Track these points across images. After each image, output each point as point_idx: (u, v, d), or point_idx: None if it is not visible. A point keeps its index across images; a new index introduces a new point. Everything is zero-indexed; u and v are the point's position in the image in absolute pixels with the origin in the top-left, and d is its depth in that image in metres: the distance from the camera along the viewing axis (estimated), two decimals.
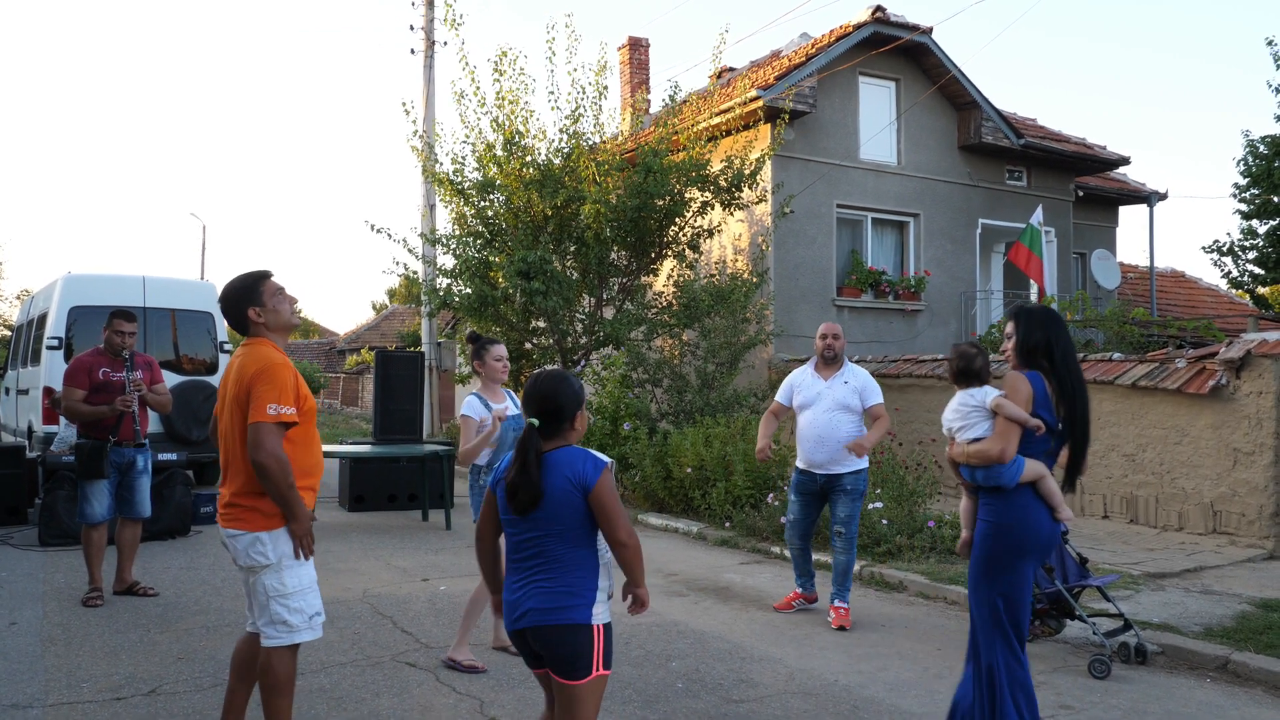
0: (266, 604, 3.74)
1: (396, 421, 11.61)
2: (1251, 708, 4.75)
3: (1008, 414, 3.85)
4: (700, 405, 11.67)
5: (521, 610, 3.02)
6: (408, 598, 6.83)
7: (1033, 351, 3.97)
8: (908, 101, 15.39)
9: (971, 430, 4.01)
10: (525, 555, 3.06)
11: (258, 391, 3.69)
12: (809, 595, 6.53)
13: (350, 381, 39.00)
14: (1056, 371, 3.93)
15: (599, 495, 2.98)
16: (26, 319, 13.58)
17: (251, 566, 3.77)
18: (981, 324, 16.08)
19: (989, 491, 3.94)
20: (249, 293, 3.92)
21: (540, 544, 3.02)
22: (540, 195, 12.25)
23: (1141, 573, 7.25)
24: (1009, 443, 3.83)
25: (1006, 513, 3.89)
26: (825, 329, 6.38)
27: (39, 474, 9.75)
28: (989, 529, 3.93)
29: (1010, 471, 3.85)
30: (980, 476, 3.94)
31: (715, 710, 4.64)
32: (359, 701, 4.69)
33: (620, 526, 3.01)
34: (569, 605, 2.99)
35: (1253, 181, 19.66)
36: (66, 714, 4.48)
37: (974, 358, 4.18)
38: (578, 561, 3.03)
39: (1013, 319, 4.09)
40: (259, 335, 3.91)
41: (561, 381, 3.13)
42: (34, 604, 6.53)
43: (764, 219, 13.98)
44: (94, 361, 6.72)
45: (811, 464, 6.27)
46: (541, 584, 3.01)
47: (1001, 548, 3.89)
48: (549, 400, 3.07)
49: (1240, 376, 8.48)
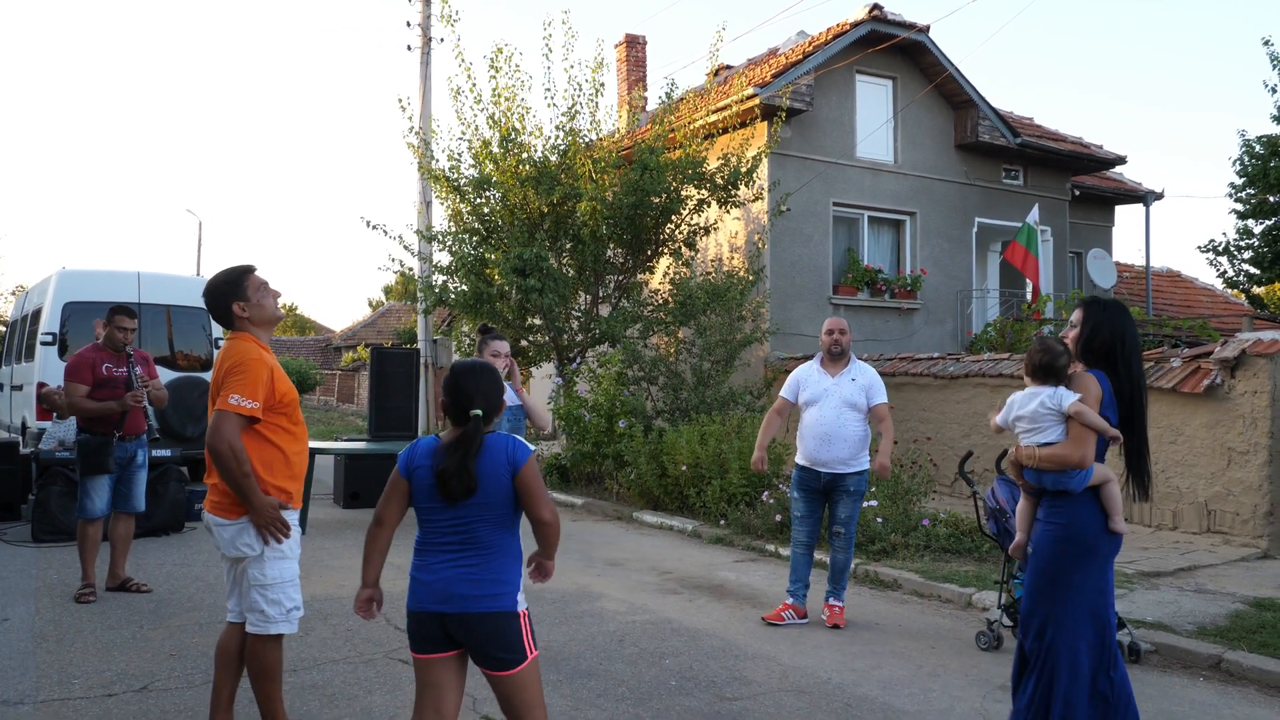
0: (247, 592, 3.84)
1: (392, 418, 11.58)
2: (1244, 706, 4.75)
3: (1087, 421, 3.71)
4: (696, 403, 11.66)
5: (447, 594, 3.02)
6: (402, 595, 6.75)
7: (1099, 349, 3.82)
8: (904, 100, 15.39)
9: (1045, 434, 3.83)
10: (450, 540, 3.07)
11: (227, 382, 3.77)
12: (799, 608, 6.16)
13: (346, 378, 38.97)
14: (1121, 372, 3.80)
15: (526, 476, 3.07)
16: (21, 315, 13.54)
17: (236, 556, 3.84)
18: (977, 323, 16.09)
19: (1055, 496, 3.81)
20: (233, 287, 3.96)
21: (468, 529, 3.05)
22: (536, 192, 12.24)
23: (1135, 571, 7.25)
24: (1089, 449, 3.70)
25: (1074, 514, 3.76)
26: (831, 324, 6.22)
27: (32, 470, 9.72)
28: (1057, 532, 3.79)
29: (1081, 476, 3.73)
30: (1049, 481, 3.80)
31: (709, 708, 4.63)
32: (351, 698, 4.68)
33: (545, 505, 3.11)
34: (499, 593, 3.04)
35: (1249, 181, 19.69)
36: (58, 710, 4.46)
37: (1060, 355, 3.89)
38: (504, 547, 3.08)
39: (1082, 309, 3.92)
40: (243, 329, 3.96)
41: (495, 373, 3.24)
42: (26, 600, 6.51)
43: (760, 217, 13.98)
44: (96, 357, 6.72)
45: (815, 462, 6.11)
46: (469, 569, 3.04)
47: (1073, 550, 3.75)
48: (493, 392, 3.16)
49: (1235, 376, 8.49)
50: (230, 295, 3.96)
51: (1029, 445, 3.87)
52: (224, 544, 3.85)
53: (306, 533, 9.31)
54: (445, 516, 3.07)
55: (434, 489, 3.05)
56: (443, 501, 3.04)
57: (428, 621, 3.07)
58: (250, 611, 3.83)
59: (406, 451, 3.17)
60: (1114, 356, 3.82)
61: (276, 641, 3.87)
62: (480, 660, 3.06)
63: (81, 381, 6.60)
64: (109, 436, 6.65)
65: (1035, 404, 3.86)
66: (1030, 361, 3.94)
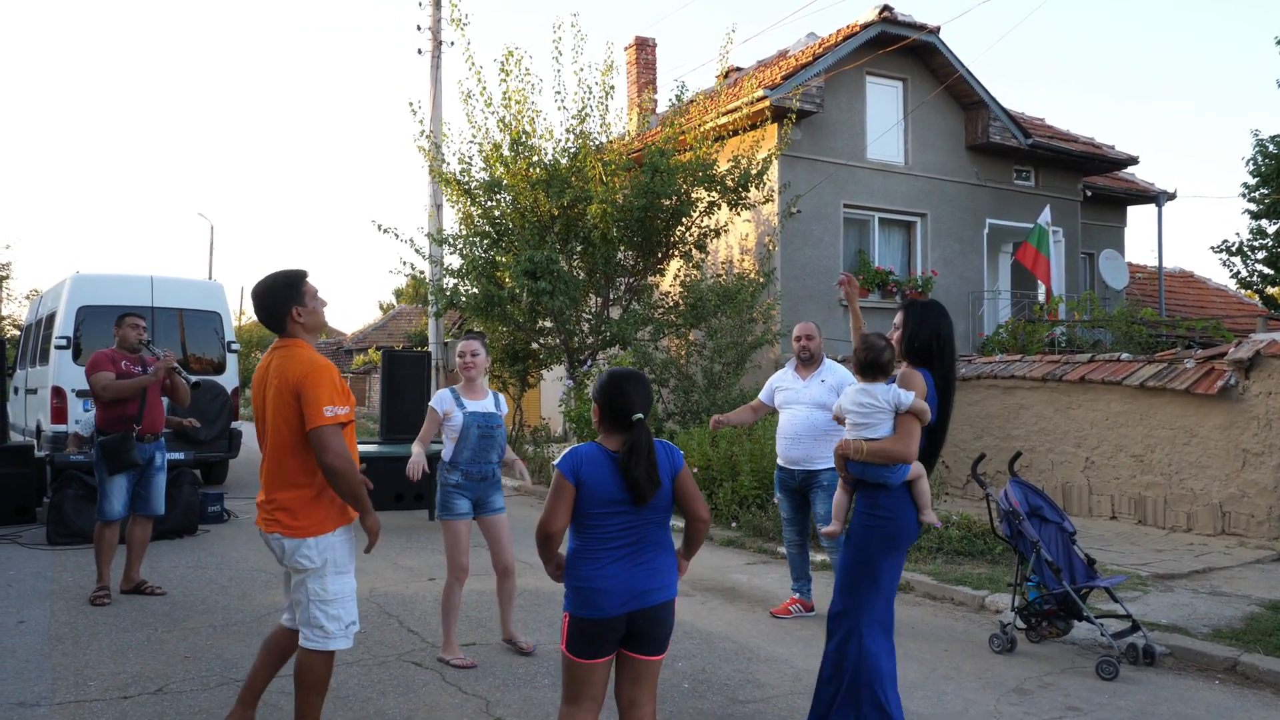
0: (307, 606, 3.75)
1: (403, 421, 11.60)
2: (1260, 710, 4.72)
3: (923, 415, 3.90)
4: (707, 405, 11.65)
5: (636, 591, 3.15)
6: (414, 597, 6.83)
7: (920, 349, 4.04)
8: (915, 101, 15.36)
9: (875, 429, 3.98)
10: (626, 544, 3.19)
11: (312, 396, 3.63)
12: (805, 602, 6.41)
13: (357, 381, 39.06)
14: (937, 369, 4.00)
15: (685, 477, 3.28)
16: (35, 319, 13.63)
17: (295, 568, 3.78)
18: (989, 324, 16.04)
19: (872, 488, 4.00)
20: (292, 291, 3.81)
21: (641, 530, 3.21)
22: (547, 195, 12.26)
23: (1149, 574, 7.21)
24: (914, 444, 3.89)
25: (890, 508, 3.96)
26: (799, 330, 6.44)
27: (47, 473, 9.78)
28: (882, 527, 3.97)
29: (902, 470, 3.93)
30: (871, 474, 3.98)
31: (721, 711, 4.63)
32: (365, 701, 4.69)
33: (702, 504, 3.31)
34: (671, 582, 3.25)
35: (1262, 181, 19.59)
36: (74, 712, 4.49)
37: (883, 350, 4.09)
38: (666, 543, 3.28)
39: (902, 311, 4.15)
40: (295, 335, 3.81)
41: (646, 379, 3.35)
42: (42, 602, 6.55)
43: (771, 219, 13.97)
44: (114, 354, 6.83)
45: (787, 460, 6.34)
46: (646, 565, 3.19)
47: (888, 543, 3.96)
48: (649, 397, 3.30)
49: (1249, 377, 8.45)
50: (289, 299, 3.80)
51: (857, 440, 4.01)
52: (283, 555, 3.77)
53: None
54: (618, 520, 3.18)
55: (610, 494, 3.15)
56: (623, 506, 3.16)
57: (615, 625, 3.15)
58: (309, 626, 3.75)
59: (569, 459, 3.21)
60: (932, 354, 4.03)
61: (331, 656, 3.80)
62: (648, 647, 3.21)
63: (105, 370, 6.69)
64: (128, 433, 6.70)
65: (867, 400, 4.01)
66: (856, 359, 4.14)
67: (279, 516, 3.74)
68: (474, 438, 5.27)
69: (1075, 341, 15.13)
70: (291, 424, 3.70)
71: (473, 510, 5.38)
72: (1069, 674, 5.23)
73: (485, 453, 5.31)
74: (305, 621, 3.76)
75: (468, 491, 5.33)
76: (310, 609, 3.74)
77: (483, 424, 5.29)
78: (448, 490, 5.35)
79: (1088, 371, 9.84)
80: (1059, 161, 16.80)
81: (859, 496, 4.08)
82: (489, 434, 5.32)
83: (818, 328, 6.48)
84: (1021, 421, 10.66)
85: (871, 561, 3.97)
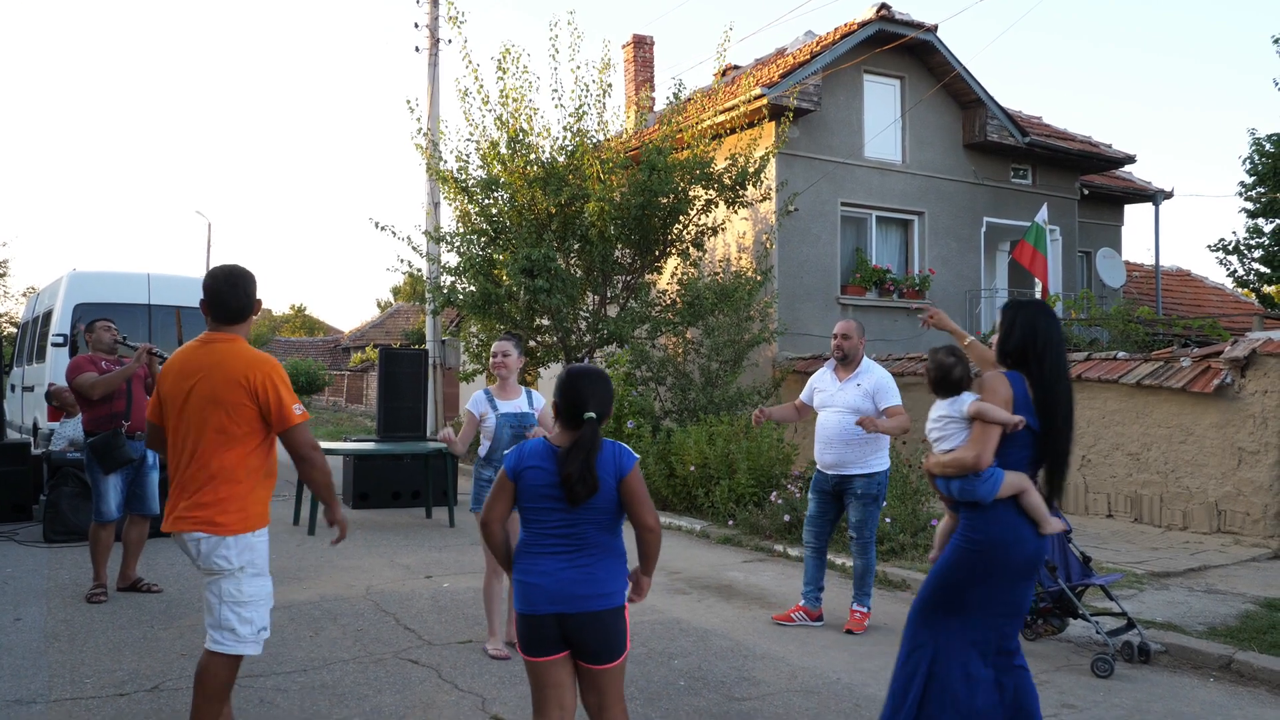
0: (219, 608, 3.65)
1: (400, 419, 11.62)
2: (1255, 707, 4.74)
3: (987, 416, 3.60)
4: (704, 403, 11.66)
5: (567, 594, 3.08)
6: (411, 595, 6.84)
7: (1014, 351, 3.76)
8: (912, 99, 15.36)
9: (948, 441, 3.77)
10: (561, 542, 3.13)
11: (279, 397, 3.63)
12: (811, 610, 6.17)
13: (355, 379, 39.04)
14: (1035, 372, 3.69)
15: (631, 483, 3.15)
16: (32, 316, 13.62)
17: (211, 570, 3.65)
18: (986, 322, 16.05)
19: (968, 507, 3.68)
20: (254, 285, 3.81)
21: (581, 530, 3.13)
22: (544, 193, 12.24)
23: (1145, 572, 7.23)
24: (985, 448, 3.57)
25: (984, 529, 3.62)
26: (837, 328, 6.16)
27: (44, 471, 9.78)
28: (961, 546, 3.66)
29: (987, 486, 3.58)
30: (956, 489, 3.67)
31: (717, 708, 4.63)
32: (361, 698, 4.69)
33: (649, 512, 3.19)
34: (611, 591, 3.13)
35: (1259, 180, 19.60)
36: (70, 710, 4.49)
37: (952, 367, 3.91)
38: (611, 547, 3.18)
39: (1000, 312, 3.89)
40: (236, 333, 3.75)
41: (605, 379, 3.29)
42: (38, 600, 6.55)
43: (768, 217, 13.96)
44: (93, 357, 6.82)
45: (823, 464, 6.16)
46: (584, 569, 3.11)
47: (962, 562, 3.64)
48: (607, 397, 3.24)
49: (1245, 375, 8.46)
50: (254, 291, 3.79)
51: (935, 454, 3.81)
52: (201, 558, 3.64)
53: (315, 534, 9.35)
54: (555, 518, 3.14)
55: (545, 491, 3.12)
56: (559, 503, 3.11)
57: (545, 623, 3.10)
58: (218, 629, 3.64)
59: (514, 453, 3.23)
60: (1027, 357, 3.72)
61: (238, 662, 3.71)
62: (585, 655, 3.13)
63: (84, 371, 6.66)
64: (117, 429, 6.68)
65: (939, 413, 3.86)
66: (929, 380, 3.97)
67: (205, 515, 3.61)
68: (507, 438, 5.38)
69: (1072, 340, 15.13)
70: (239, 419, 3.61)
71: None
72: (1064, 671, 5.24)
73: None
74: (215, 624, 3.65)
75: None
76: (222, 610, 3.64)
77: (515, 424, 5.41)
78: (481, 485, 5.48)
79: (1084, 370, 9.85)
80: (1056, 160, 16.80)
81: (961, 520, 3.75)
82: (521, 433, 5.42)
83: (859, 327, 6.15)
84: None
85: (952, 584, 3.65)
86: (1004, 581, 3.64)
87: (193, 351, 3.71)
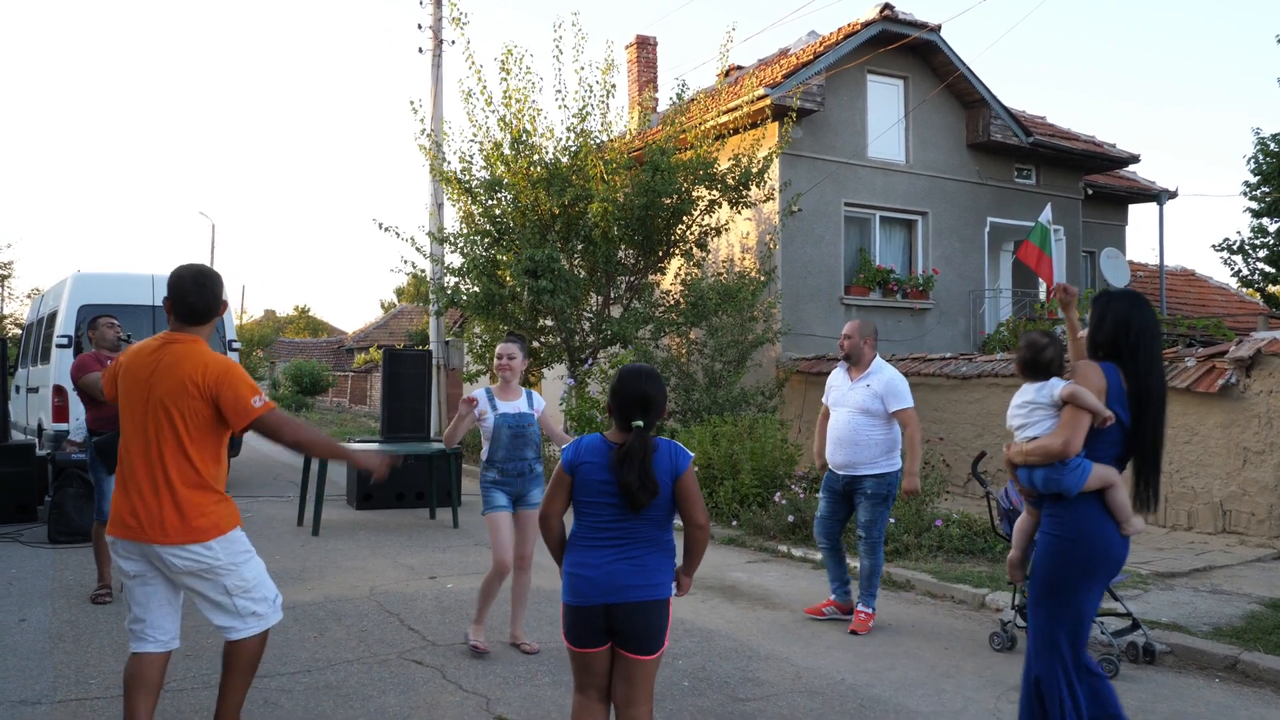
0: (232, 602, 3.65)
1: (404, 420, 11.62)
2: (1260, 708, 4.72)
3: (1079, 401, 3.41)
4: (707, 404, 11.66)
5: (617, 585, 3.13)
6: (414, 595, 6.84)
7: (1105, 341, 3.56)
8: (916, 99, 15.35)
9: (1034, 428, 3.61)
10: (615, 536, 3.18)
11: (233, 395, 3.53)
12: (841, 604, 6.25)
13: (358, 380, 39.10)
14: (1129, 364, 3.49)
15: (686, 482, 3.20)
16: (37, 317, 13.65)
17: (206, 574, 3.59)
18: (990, 322, 16.04)
19: (1052, 501, 3.53)
20: (222, 289, 3.76)
21: (634, 527, 3.18)
22: (548, 194, 12.25)
23: (1150, 572, 7.22)
24: (1074, 434, 3.40)
25: (1071, 525, 3.47)
26: (844, 328, 6.26)
27: (49, 472, 9.80)
28: (1051, 544, 3.52)
29: (1074, 477, 3.43)
30: (1040, 480, 3.52)
31: (721, 708, 4.63)
32: (365, 699, 4.70)
33: (701, 510, 3.23)
34: (660, 582, 3.18)
35: (1263, 179, 19.58)
36: (75, 710, 4.50)
37: (1044, 348, 3.73)
38: (662, 541, 3.23)
39: (1093, 303, 3.68)
40: (198, 334, 3.69)
41: (656, 380, 3.28)
42: (43, 601, 6.56)
43: (771, 217, 13.96)
44: (98, 355, 6.80)
45: (833, 464, 6.19)
46: (634, 561, 3.16)
47: (1065, 565, 3.48)
48: (654, 402, 3.23)
49: (1250, 375, 8.44)
50: (220, 292, 3.74)
51: (1018, 442, 3.69)
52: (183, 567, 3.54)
53: (319, 535, 9.35)
54: (609, 514, 3.18)
55: (600, 486, 3.17)
56: (614, 499, 3.15)
57: (594, 615, 3.15)
58: (241, 618, 3.66)
59: (571, 449, 3.28)
60: (1119, 347, 3.54)
61: (267, 632, 3.78)
62: (627, 644, 3.16)
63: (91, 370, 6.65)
64: None
65: (1024, 399, 3.73)
66: (1018, 361, 3.86)
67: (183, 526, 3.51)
68: (505, 438, 5.42)
69: None
70: (199, 422, 3.54)
71: (511, 505, 5.49)
72: None
73: (519, 450, 5.45)
74: (236, 615, 3.66)
75: (505, 487, 5.46)
76: (237, 602, 3.65)
77: (513, 424, 5.43)
78: (486, 486, 5.51)
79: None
80: (1060, 160, 16.78)
81: (1043, 515, 3.60)
82: (520, 433, 5.46)
83: (865, 327, 6.19)
84: None
85: (1063, 587, 3.49)
86: (1103, 577, 3.50)
87: (150, 353, 3.63)
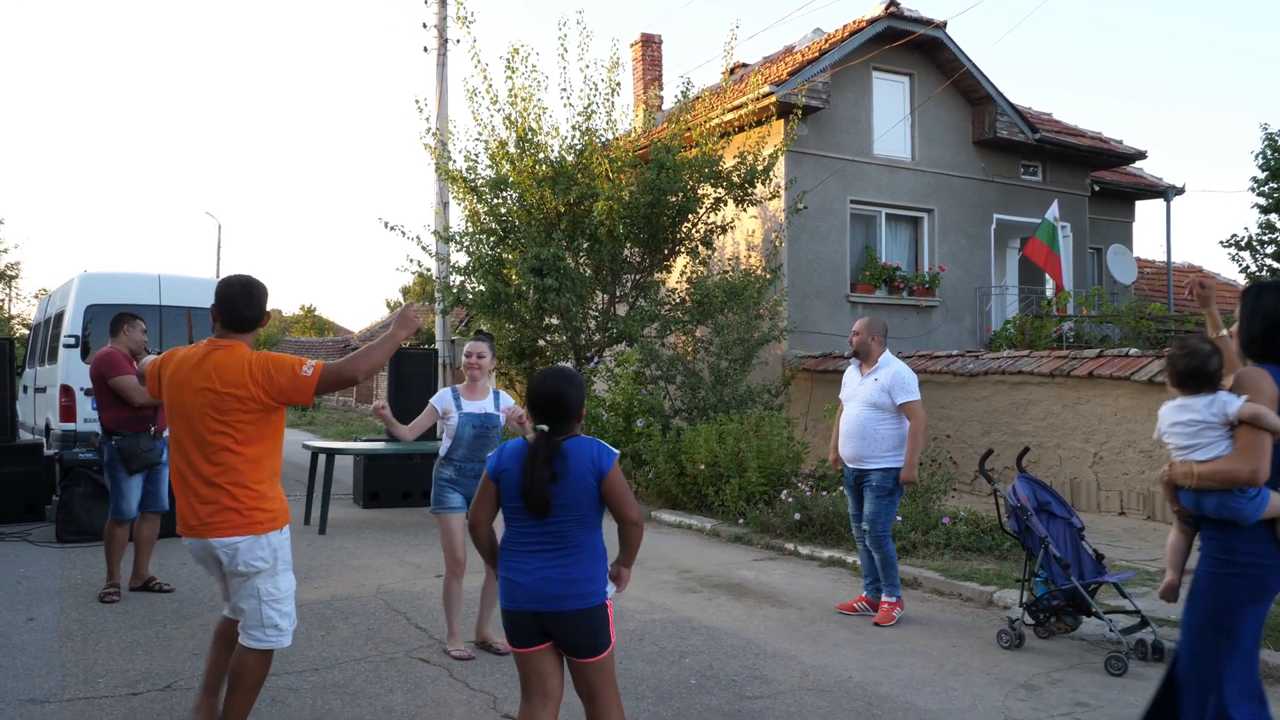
0: (258, 609, 3.68)
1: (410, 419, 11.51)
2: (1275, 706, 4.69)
3: (1263, 422, 3.06)
4: (714, 402, 11.64)
5: (545, 594, 3.12)
6: (422, 594, 6.84)
7: (1259, 339, 3.21)
8: (921, 96, 15.32)
9: (1205, 450, 3.23)
10: (540, 541, 3.17)
11: (291, 372, 3.63)
12: (872, 600, 6.30)
13: None
14: None
15: (612, 480, 3.17)
16: (44, 317, 13.67)
17: (247, 571, 3.66)
18: (996, 320, 16.00)
19: (1218, 526, 3.24)
20: (267, 299, 3.88)
21: (561, 531, 3.15)
22: (553, 192, 12.25)
23: (1159, 569, 7.18)
24: (1262, 461, 3.06)
25: (1247, 553, 3.19)
26: (855, 325, 6.35)
27: (56, 471, 9.82)
28: (1220, 568, 3.24)
29: (1255, 504, 3.10)
30: (1211, 506, 3.21)
31: (729, 706, 4.63)
32: (372, 697, 4.70)
33: (631, 507, 3.23)
34: (590, 591, 3.15)
35: (1271, 175, 19.49)
36: (83, 709, 4.50)
37: (1209, 357, 3.28)
38: (591, 545, 3.19)
39: (1239, 297, 3.32)
40: (242, 340, 3.78)
41: (566, 382, 3.24)
42: (51, 600, 6.57)
43: (777, 215, 13.94)
44: (126, 355, 6.80)
45: (845, 457, 6.31)
46: (561, 568, 3.14)
47: (1236, 593, 3.21)
48: (559, 404, 3.20)
49: None
50: (266, 303, 3.85)
51: (1186, 462, 3.30)
52: (234, 560, 3.64)
53: (326, 533, 9.36)
54: (533, 518, 3.17)
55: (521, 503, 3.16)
56: (532, 515, 3.15)
57: (525, 619, 3.18)
58: (262, 628, 3.68)
59: (495, 455, 3.28)
60: (1275, 346, 3.18)
61: (272, 653, 3.78)
62: (569, 650, 3.19)
63: (127, 372, 6.65)
64: (144, 432, 6.72)
65: (1189, 416, 3.29)
66: (1174, 369, 3.37)
67: (231, 518, 3.61)
68: (468, 437, 5.38)
69: (1083, 337, 15.09)
70: (249, 418, 3.62)
71: (465, 505, 5.42)
72: (1077, 670, 5.22)
73: (480, 451, 5.38)
74: (257, 624, 3.68)
75: (460, 487, 5.42)
76: (263, 610, 3.68)
77: (478, 424, 5.40)
78: (441, 484, 5.45)
79: (1095, 367, 9.81)
80: (1067, 156, 16.73)
81: (1205, 538, 3.32)
82: (484, 434, 5.42)
83: (870, 324, 6.26)
84: (1029, 417, 10.63)
85: (1229, 617, 3.23)
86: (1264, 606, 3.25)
87: (198, 361, 3.71)
